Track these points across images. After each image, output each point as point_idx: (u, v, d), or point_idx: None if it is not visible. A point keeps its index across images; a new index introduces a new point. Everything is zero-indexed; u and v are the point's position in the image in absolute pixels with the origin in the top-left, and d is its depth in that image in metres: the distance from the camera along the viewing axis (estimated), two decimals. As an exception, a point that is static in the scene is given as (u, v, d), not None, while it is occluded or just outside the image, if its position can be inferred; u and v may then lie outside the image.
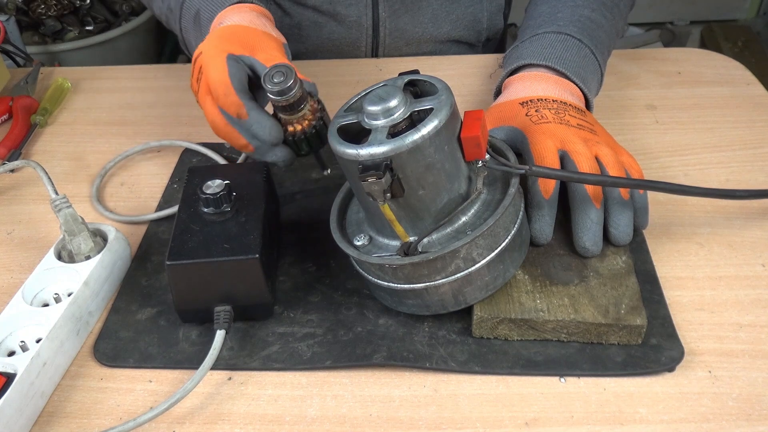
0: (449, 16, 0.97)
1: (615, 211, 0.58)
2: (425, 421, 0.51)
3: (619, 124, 0.79)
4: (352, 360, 0.54)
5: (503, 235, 0.52)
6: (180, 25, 0.75)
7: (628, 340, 0.53)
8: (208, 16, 0.69)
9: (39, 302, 0.58)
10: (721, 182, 0.70)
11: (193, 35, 0.72)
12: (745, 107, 0.81)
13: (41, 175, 0.63)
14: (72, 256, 0.60)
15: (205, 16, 0.70)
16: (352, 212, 0.59)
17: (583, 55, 0.70)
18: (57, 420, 0.52)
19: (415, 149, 0.48)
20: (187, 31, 0.74)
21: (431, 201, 0.51)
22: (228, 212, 0.57)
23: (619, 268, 0.57)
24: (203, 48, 0.62)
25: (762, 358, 0.53)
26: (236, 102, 0.58)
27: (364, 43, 0.97)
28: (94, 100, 0.89)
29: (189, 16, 0.72)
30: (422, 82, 0.54)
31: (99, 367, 0.56)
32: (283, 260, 0.63)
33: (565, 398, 0.51)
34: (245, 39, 0.62)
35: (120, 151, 0.78)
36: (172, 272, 0.54)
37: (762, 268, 0.61)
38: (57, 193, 0.61)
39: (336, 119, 0.54)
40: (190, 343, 0.56)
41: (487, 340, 0.55)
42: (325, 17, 0.95)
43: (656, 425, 0.49)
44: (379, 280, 0.54)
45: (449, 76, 0.88)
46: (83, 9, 1.87)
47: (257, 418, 0.51)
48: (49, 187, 0.62)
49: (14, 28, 1.56)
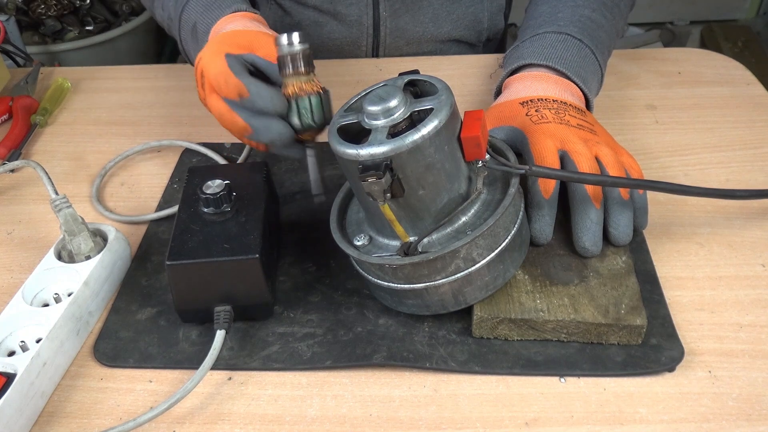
0: (450, 16, 0.97)
1: (615, 212, 0.58)
2: (425, 421, 0.51)
3: (619, 124, 0.79)
4: (352, 360, 0.54)
5: (503, 235, 0.52)
6: (179, 36, 0.76)
7: (628, 340, 0.54)
8: (204, 29, 0.70)
9: (39, 302, 0.58)
10: (721, 182, 0.70)
11: (192, 47, 0.73)
12: (745, 107, 0.81)
13: (41, 175, 0.63)
14: (72, 256, 0.60)
15: (201, 29, 0.71)
16: (352, 212, 0.59)
17: (584, 55, 0.70)
18: (57, 420, 0.52)
19: (415, 149, 0.48)
20: (186, 42, 0.75)
21: (431, 201, 0.51)
22: (228, 212, 0.57)
23: (619, 268, 0.57)
24: (202, 54, 0.62)
25: (762, 358, 0.53)
26: (236, 83, 0.58)
27: (365, 43, 0.97)
28: (94, 100, 0.89)
29: (187, 28, 0.73)
30: (422, 82, 0.54)
31: (99, 367, 0.56)
32: (283, 260, 0.63)
33: (565, 398, 0.51)
34: (243, 40, 0.62)
35: (120, 151, 0.78)
36: (172, 272, 0.54)
37: (762, 268, 0.61)
38: (57, 193, 0.61)
39: (336, 119, 0.54)
40: (190, 343, 0.57)
41: (487, 340, 0.55)
42: (325, 17, 0.95)
43: (656, 425, 0.49)
44: (379, 280, 0.54)
45: (449, 76, 0.88)
46: (83, 9, 1.87)
47: (257, 418, 0.51)
48: (49, 187, 0.62)
49: (14, 28, 1.56)
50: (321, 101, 0.58)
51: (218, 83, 0.59)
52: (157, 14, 0.81)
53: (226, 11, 0.70)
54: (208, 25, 0.70)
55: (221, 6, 0.71)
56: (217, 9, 0.71)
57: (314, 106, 0.58)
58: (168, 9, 0.77)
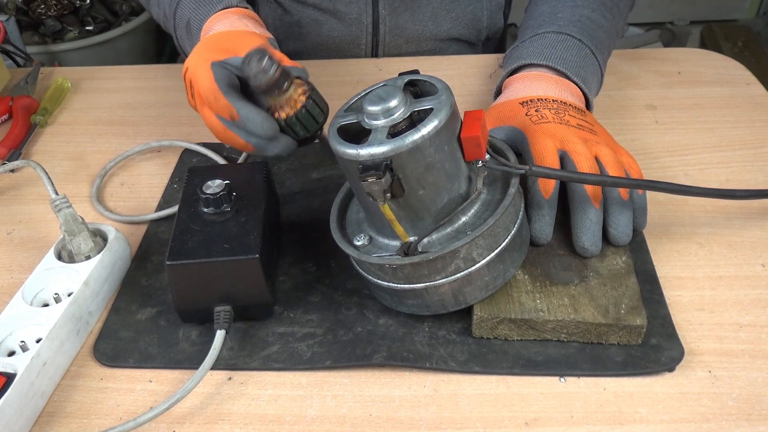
0: (449, 14, 0.97)
1: (614, 212, 0.58)
2: (425, 421, 0.51)
3: (619, 124, 0.79)
4: (352, 360, 0.54)
5: (503, 235, 0.52)
6: (175, 34, 0.77)
7: (628, 340, 0.53)
8: (197, 25, 0.71)
9: (39, 302, 0.58)
10: (721, 182, 0.70)
11: (188, 43, 0.74)
12: (745, 107, 0.81)
13: (41, 175, 0.63)
14: (72, 256, 0.60)
15: (194, 26, 0.71)
16: (352, 212, 0.59)
17: (584, 55, 0.71)
18: (57, 420, 0.52)
19: (415, 149, 0.48)
20: (182, 39, 0.75)
21: (431, 201, 0.51)
22: (228, 212, 0.57)
23: (619, 268, 0.57)
24: (188, 63, 0.62)
25: (762, 358, 0.53)
26: (226, 105, 0.57)
27: (364, 41, 0.97)
28: (94, 100, 0.89)
29: (182, 25, 0.74)
30: (422, 82, 0.54)
31: (99, 367, 0.56)
32: (283, 260, 0.63)
33: (565, 398, 0.51)
34: (226, 43, 0.62)
35: (120, 151, 0.78)
36: (172, 272, 0.54)
37: (762, 268, 0.61)
38: (57, 193, 0.61)
39: (336, 119, 0.54)
40: (190, 343, 0.57)
41: (487, 340, 0.55)
42: (325, 15, 0.95)
43: (656, 425, 0.49)
44: (379, 280, 0.54)
45: (449, 76, 0.88)
46: (83, 9, 1.87)
47: (257, 418, 0.51)
48: (49, 187, 0.62)
49: (14, 28, 1.56)
50: (309, 111, 0.57)
51: (208, 100, 0.58)
52: (154, 12, 0.82)
53: (218, 6, 0.70)
54: (201, 21, 0.70)
55: (212, 1, 0.71)
56: (209, 5, 0.71)
57: (303, 119, 0.57)
58: (163, 6, 0.77)
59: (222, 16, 0.69)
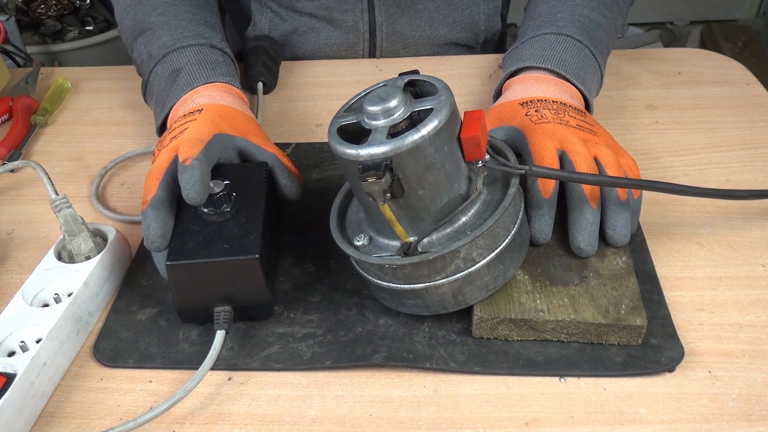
0: (446, 19, 0.97)
1: (612, 212, 0.58)
2: (425, 421, 0.51)
3: (619, 124, 0.79)
4: (352, 360, 0.54)
5: (503, 235, 0.52)
6: (151, 69, 0.74)
7: (628, 341, 0.53)
8: (188, 80, 0.69)
9: (39, 302, 0.58)
10: (721, 182, 0.70)
11: (163, 86, 0.71)
12: (745, 107, 0.81)
13: (41, 175, 0.63)
14: (72, 256, 0.60)
15: (185, 78, 0.70)
16: (352, 212, 0.59)
17: (583, 57, 0.70)
18: (57, 420, 0.52)
19: (415, 149, 0.48)
20: (157, 77, 0.72)
21: (431, 201, 0.51)
22: (228, 212, 0.57)
23: (619, 268, 0.57)
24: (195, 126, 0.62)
25: (762, 358, 0.53)
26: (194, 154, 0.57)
27: (362, 48, 0.97)
28: (94, 100, 0.89)
29: (167, 66, 0.72)
30: (422, 82, 0.54)
31: (99, 367, 0.56)
32: (283, 260, 0.63)
33: (565, 398, 0.51)
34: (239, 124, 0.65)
35: (120, 151, 0.78)
36: (172, 272, 0.54)
37: (762, 268, 0.61)
38: (57, 193, 0.61)
39: (336, 119, 0.54)
40: (190, 344, 0.56)
41: (487, 340, 0.55)
42: (321, 23, 0.95)
43: (656, 425, 0.49)
44: (379, 281, 0.54)
45: (449, 76, 0.88)
46: (83, 9, 1.87)
47: (257, 418, 0.51)
48: (49, 187, 0.62)
49: (14, 28, 1.57)
50: None
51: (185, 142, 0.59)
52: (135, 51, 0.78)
53: (219, 77, 0.70)
54: (194, 78, 0.69)
55: (214, 67, 0.71)
56: (210, 67, 0.71)
57: None
58: (150, 47, 0.75)
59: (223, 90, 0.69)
